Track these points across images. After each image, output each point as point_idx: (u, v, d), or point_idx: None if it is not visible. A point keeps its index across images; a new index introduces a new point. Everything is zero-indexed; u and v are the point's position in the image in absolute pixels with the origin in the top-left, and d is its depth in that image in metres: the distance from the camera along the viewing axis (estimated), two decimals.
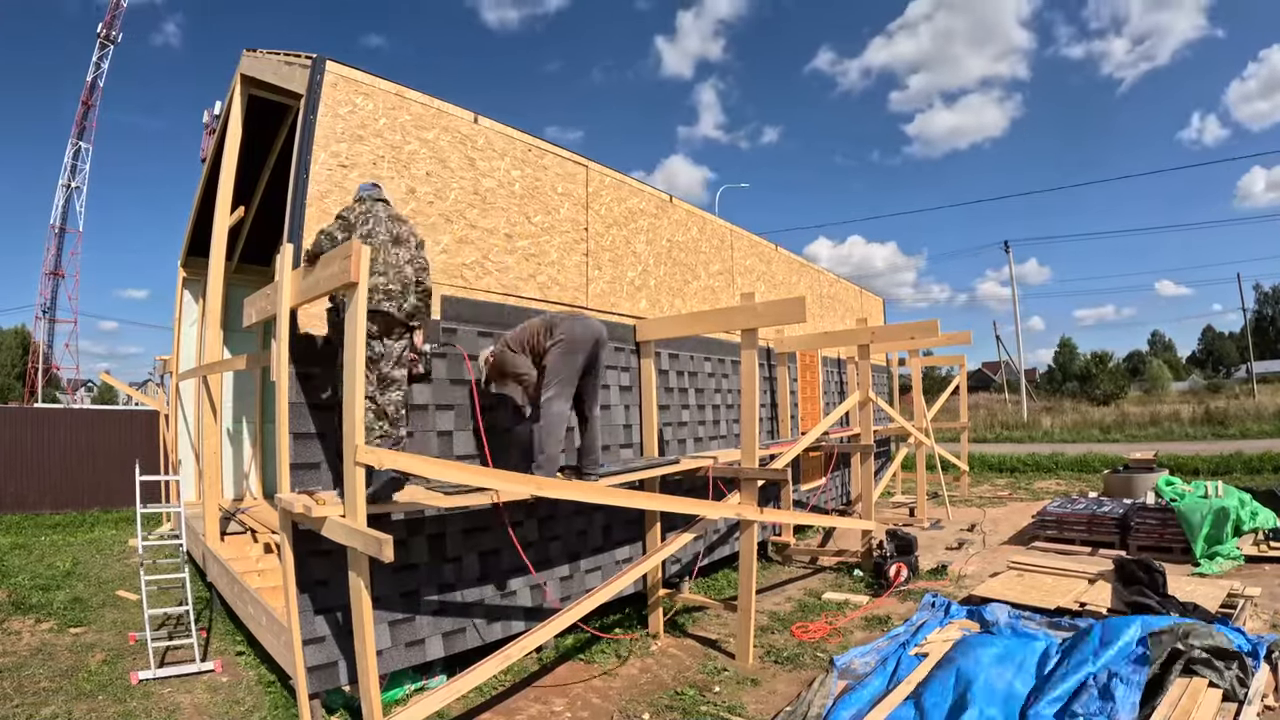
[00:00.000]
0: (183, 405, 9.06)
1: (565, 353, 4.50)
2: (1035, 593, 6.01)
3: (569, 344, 4.51)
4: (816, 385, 10.22)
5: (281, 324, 3.87)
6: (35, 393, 44.72)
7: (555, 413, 4.46)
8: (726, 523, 7.04)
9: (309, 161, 4.16)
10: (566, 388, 4.52)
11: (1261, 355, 54.13)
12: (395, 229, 3.99)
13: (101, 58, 46.90)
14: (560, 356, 4.50)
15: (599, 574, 5.67)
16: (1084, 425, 24.00)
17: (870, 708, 4.02)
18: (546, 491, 4.24)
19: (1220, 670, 3.86)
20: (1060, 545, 8.42)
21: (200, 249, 7.90)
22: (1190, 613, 5.05)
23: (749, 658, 5.21)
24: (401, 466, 3.61)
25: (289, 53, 4.86)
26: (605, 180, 6.34)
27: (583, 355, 4.56)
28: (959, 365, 14.38)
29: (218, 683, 4.89)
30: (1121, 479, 11.31)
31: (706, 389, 7.42)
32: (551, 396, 4.47)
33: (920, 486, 10.85)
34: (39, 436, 13.07)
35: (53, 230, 47.54)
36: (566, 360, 4.50)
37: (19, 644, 5.64)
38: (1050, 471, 16.28)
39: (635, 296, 6.55)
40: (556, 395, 4.48)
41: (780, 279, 9.43)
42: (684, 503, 5.33)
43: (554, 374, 4.49)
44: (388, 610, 4.24)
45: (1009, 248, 34.99)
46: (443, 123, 4.94)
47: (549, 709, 4.47)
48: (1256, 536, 7.57)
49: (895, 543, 7.24)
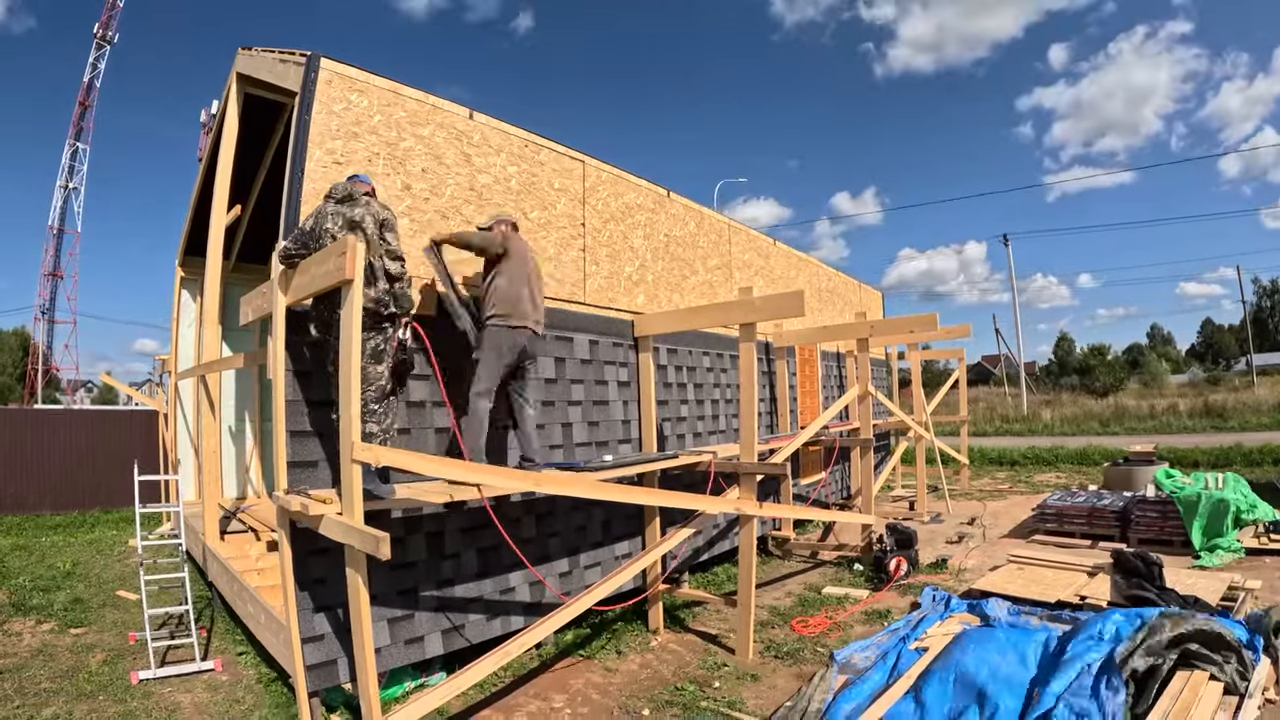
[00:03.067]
0: (182, 404, 9.05)
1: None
2: (1035, 586, 6.01)
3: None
4: (815, 379, 10.21)
5: (278, 322, 3.87)
6: (35, 394, 44.69)
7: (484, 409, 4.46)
8: (726, 518, 7.04)
9: (304, 159, 4.14)
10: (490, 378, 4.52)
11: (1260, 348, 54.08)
12: (348, 213, 3.79)
13: (98, 58, 46.78)
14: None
15: (598, 569, 5.67)
16: (1083, 418, 23.99)
17: (870, 702, 4.02)
18: (546, 487, 4.24)
19: (1220, 663, 3.85)
20: (1060, 538, 8.42)
21: (198, 248, 7.90)
22: (1190, 605, 5.06)
23: (749, 653, 5.21)
24: (397, 463, 3.60)
25: (284, 50, 4.84)
26: (602, 175, 6.32)
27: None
28: (958, 359, 14.36)
29: (218, 682, 4.89)
30: (1121, 472, 11.32)
31: (705, 384, 7.41)
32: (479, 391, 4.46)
33: (920, 480, 10.85)
34: (39, 438, 13.07)
35: (51, 231, 47.47)
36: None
37: (20, 645, 5.64)
38: (1050, 465, 16.28)
39: (633, 291, 6.53)
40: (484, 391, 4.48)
41: (779, 273, 9.41)
42: (683, 498, 5.32)
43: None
44: (386, 608, 4.23)
45: (1008, 241, 34.98)
46: (438, 119, 4.92)
47: (549, 705, 4.47)
48: (1257, 529, 7.57)
49: (895, 537, 7.24)
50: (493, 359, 4.44)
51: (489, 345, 4.46)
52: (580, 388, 5.76)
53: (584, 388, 5.80)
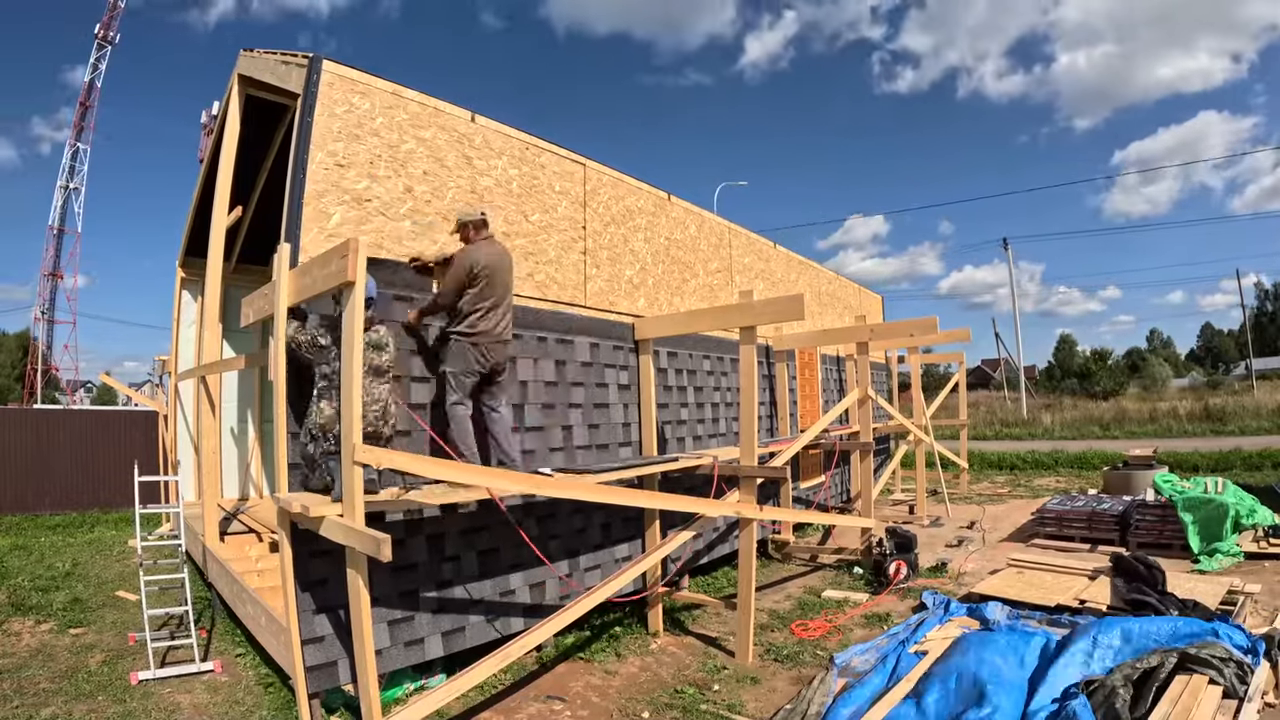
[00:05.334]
0: (182, 405, 9.06)
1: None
2: (1035, 590, 6.00)
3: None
4: (815, 383, 10.22)
5: (279, 324, 3.87)
6: (34, 394, 44.67)
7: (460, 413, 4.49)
8: (726, 521, 7.03)
9: (306, 161, 4.15)
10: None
11: (1261, 352, 54.13)
12: (374, 359, 3.88)
13: (99, 59, 46.84)
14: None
15: (598, 572, 5.67)
16: (1084, 422, 23.97)
17: (870, 706, 4.02)
18: (546, 490, 4.24)
19: (1219, 668, 3.86)
20: (1060, 542, 8.42)
21: (198, 249, 7.90)
22: (1190, 610, 5.05)
23: (749, 656, 5.21)
24: (397, 465, 3.61)
25: (286, 52, 4.85)
26: (603, 178, 6.33)
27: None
28: (958, 362, 14.37)
29: (218, 683, 4.89)
30: (1121, 476, 11.32)
31: (705, 387, 7.41)
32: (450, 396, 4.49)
33: (920, 484, 10.85)
34: (38, 438, 13.05)
35: (51, 231, 47.48)
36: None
37: (19, 645, 5.64)
38: (1050, 468, 16.27)
39: (633, 295, 6.54)
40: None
41: (779, 276, 9.42)
42: (683, 501, 5.33)
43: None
44: (387, 609, 4.23)
45: (1008, 245, 35.00)
46: (440, 121, 4.93)
47: (549, 708, 4.47)
48: (1256, 533, 7.57)
49: (895, 540, 7.23)
50: (462, 376, 4.45)
51: (456, 359, 4.45)
52: (581, 391, 5.77)
53: (584, 391, 5.80)
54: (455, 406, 4.44)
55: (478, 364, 4.46)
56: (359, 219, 4.37)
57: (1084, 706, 3.56)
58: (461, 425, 4.44)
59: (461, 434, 4.43)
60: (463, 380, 4.45)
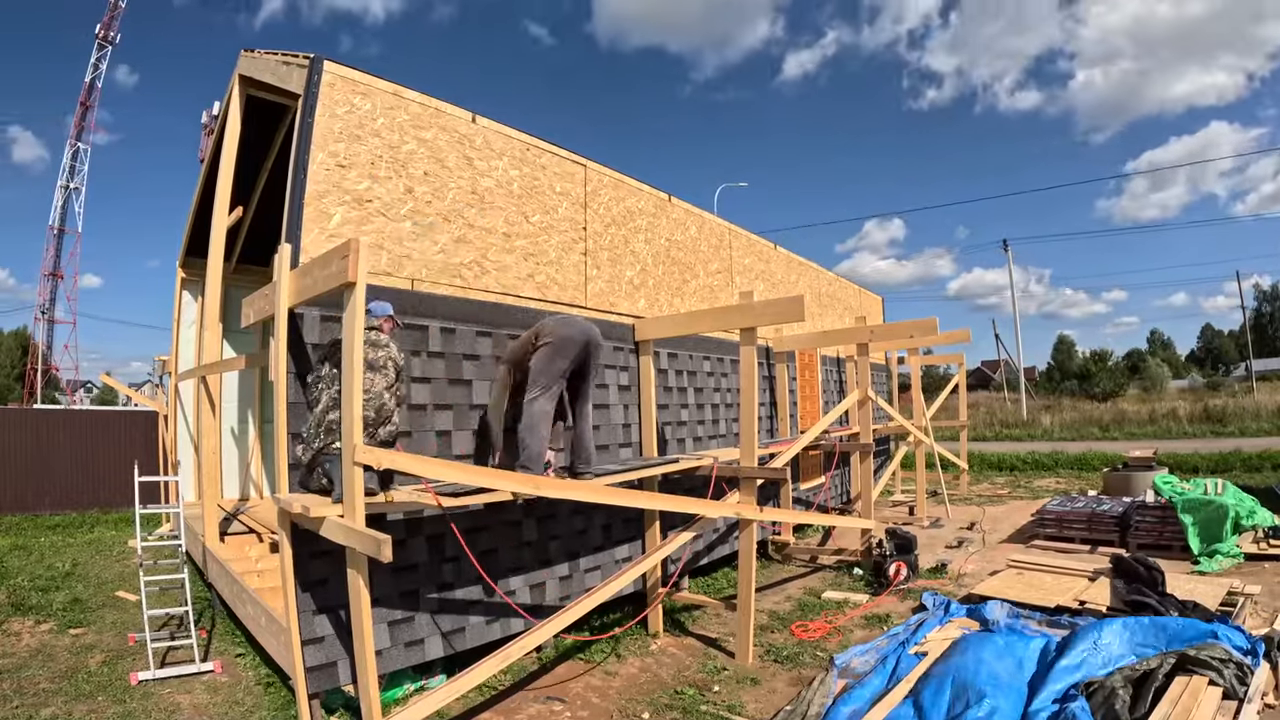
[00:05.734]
0: (182, 405, 9.06)
1: (551, 354, 4.55)
2: (1035, 591, 6.01)
3: (555, 346, 4.55)
4: (815, 384, 10.22)
5: (280, 324, 3.87)
6: (34, 394, 44.65)
7: (538, 411, 4.51)
8: (726, 522, 7.03)
9: (307, 161, 4.16)
10: (550, 388, 4.56)
11: (1260, 353, 54.13)
12: (370, 355, 3.84)
13: (100, 58, 46.84)
14: (545, 358, 4.55)
15: (598, 573, 5.67)
16: (1083, 423, 23.98)
17: (870, 706, 4.02)
18: (546, 491, 4.24)
19: (1219, 669, 3.86)
20: (1060, 544, 8.42)
21: (199, 249, 7.90)
22: (1190, 611, 5.05)
23: (749, 657, 5.21)
24: (399, 467, 3.61)
25: (287, 53, 4.85)
26: (604, 179, 6.33)
27: (569, 357, 4.60)
28: (958, 364, 14.37)
29: (218, 683, 4.89)
30: (1121, 477, 11.31)
31: (705, 388, 7.42)
32: (534, 397, 4.52)
33: (920, 485, 10.85)
34: (38, 438, 13.05)
35: (51, 231, 47.47)
36: (551, 362, 4.55)
37: (18, 645, 5.64)
38: (1050, 470, 16.28)
39: (634, 296, 6.55)
40: (540, 395, 4.53)
41: (779, 277, 9.42)
42: (683, 502, 5.33)
43: (537, 375, 4.54)
44: (387, 610, 4.23)
45: (1008, 246, 35.00)
46: (440, 122, 4.93)
47: (549, 708, 4.47)
48: (1256, 534, 7.57)
49: (895, 541, 7.23)
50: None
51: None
52: None
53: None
54: (533, 402, 4.56)
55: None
56: (360, 219, 4.37)
57: (1083, 708, 3.56)
58: (538, 421, 4.54)
59: (533, 428, 4.54)
60: (547, 372, 4.59)
